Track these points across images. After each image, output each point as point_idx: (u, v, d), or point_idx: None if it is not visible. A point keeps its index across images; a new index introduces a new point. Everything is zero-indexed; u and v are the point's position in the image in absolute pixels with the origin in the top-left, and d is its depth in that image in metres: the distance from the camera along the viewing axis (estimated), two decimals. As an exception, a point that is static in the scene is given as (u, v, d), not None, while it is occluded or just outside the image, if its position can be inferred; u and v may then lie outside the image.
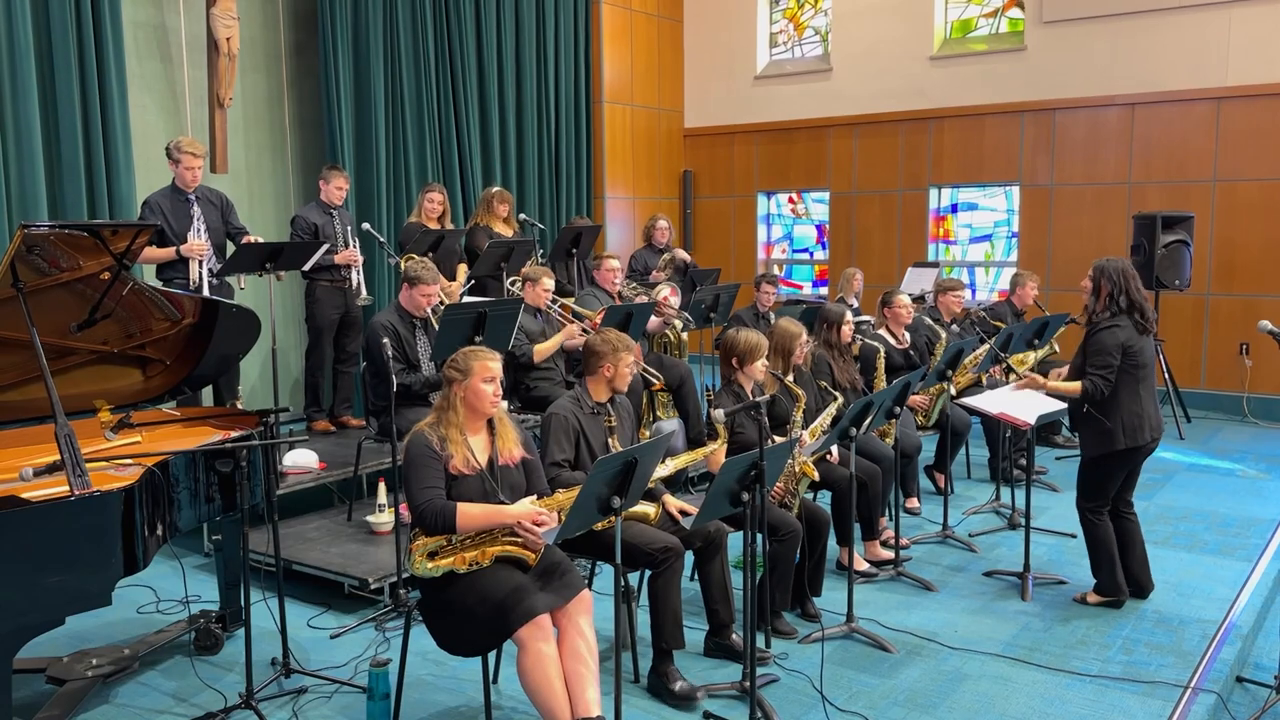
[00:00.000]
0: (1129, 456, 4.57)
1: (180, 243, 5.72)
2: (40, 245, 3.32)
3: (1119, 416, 4.48)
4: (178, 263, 5.74)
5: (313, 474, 5.62)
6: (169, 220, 5.74)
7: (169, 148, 5.86)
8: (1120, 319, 4.50)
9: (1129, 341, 4.46)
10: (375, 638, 4.40)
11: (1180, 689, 3.88)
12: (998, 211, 10.20)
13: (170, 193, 5.83)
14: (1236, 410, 8.88)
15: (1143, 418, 4.51)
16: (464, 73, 8.96)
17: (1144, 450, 4.58)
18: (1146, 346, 4.55)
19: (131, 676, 4.01)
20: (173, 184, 5.86)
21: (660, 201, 11.43)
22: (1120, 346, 4.44)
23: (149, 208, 5.75)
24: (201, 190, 5.93)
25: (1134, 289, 4.53)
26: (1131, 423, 4.49)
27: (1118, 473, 4.61)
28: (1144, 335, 4.53)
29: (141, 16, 7.00)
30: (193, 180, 5.84)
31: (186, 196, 5.84)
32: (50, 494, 3.13)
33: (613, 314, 5.87)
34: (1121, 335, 4.46)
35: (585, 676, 3.25)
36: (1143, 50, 9.04)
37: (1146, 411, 4.52)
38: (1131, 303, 4.51)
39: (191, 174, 5.82)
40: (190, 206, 5.83)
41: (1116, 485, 4.65)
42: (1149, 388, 4.58)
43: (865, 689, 3.92)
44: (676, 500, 4.19)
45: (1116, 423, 4.48)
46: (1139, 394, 4.50)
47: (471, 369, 3.46)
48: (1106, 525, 4.64)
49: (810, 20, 11.22)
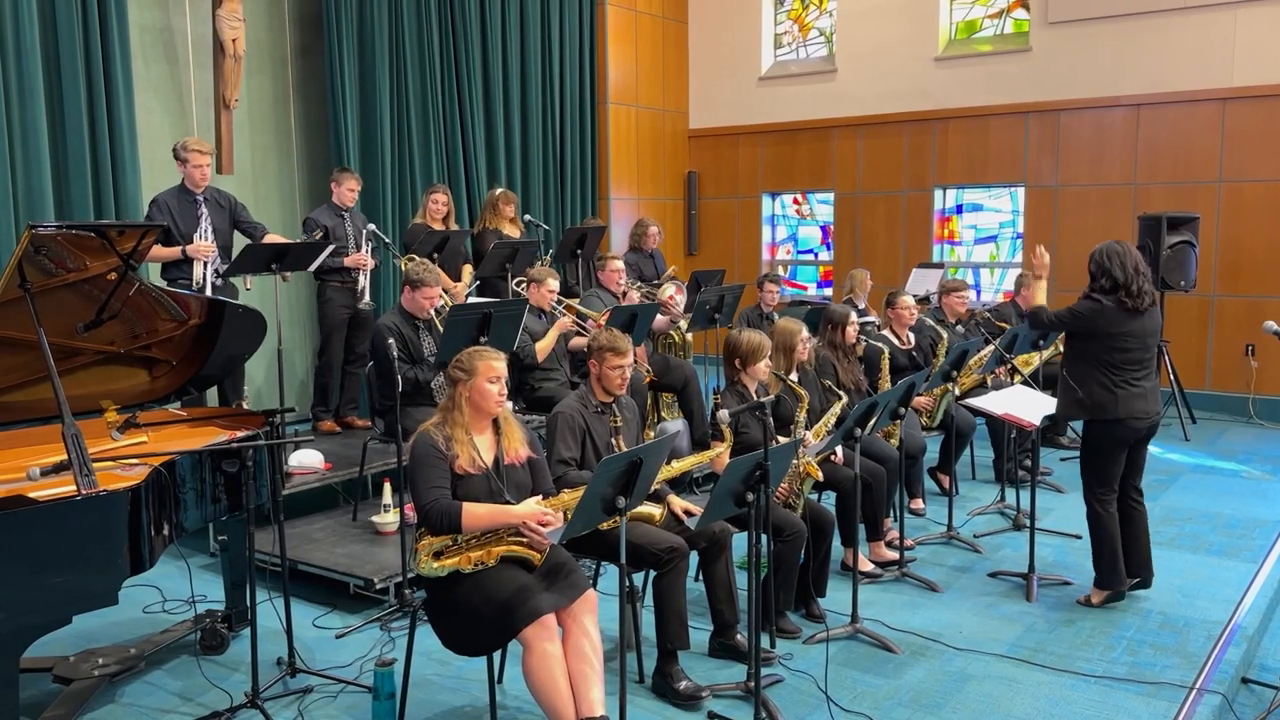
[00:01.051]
0: (1119, 433, 4.50)
1: (186, 243, 5.72)
2: (48, 246, 3.33)
3: (1089, 389, 4.50)
4: (183, 263, 5.74)
5: (318, 474, 5.63)
6: (176, 220, 5.73)
7: (176, 148, 5.85)
8: (1104, 297, 4.46)
9: (1107, 325, 4.43)
10: (380, 637, 4.41)
11: (1185, 690, 3.88)
12: (1003, 212, 10.19)
13: (178, 193, 5.83)
14: (1242, 411, 8.86)
15: (1115, 396, 4.45)
16: (469, 74, 8.97)
17: (1133, 428, 4.50)
18: (1137, 331, 4.44)
19: (138, 676, 4.02)
20: (181, 184, 5.86)
21: (665, 202, 11.43)
22: (1080, 316, 4.49)
23: (157, 206, 5.74)
24: (210, 191, 5.92)
25: (1117, 267, 4.45)
26: (1101, 398, 4.47)
27: (1116, 452, 4.56)
28: (1131, 316, 4.43)
29: (148, 19, 7.02)
30: (201, 179, 5.83)
31: (194, 197, 5.84)
32: (57, 493, 3.13)
33: (618, 314, 5.88)
34: (1095, 311, 4.45)
35: (590, 676, 3.25)
36: (1148, 51, 9.03)
37: (1122, 392, 4.45)
38: (1115, 282, 4.45)
39: (200, 173, 5.81)
40: (197, 207, 5.83)
41: (1117, 468, 4.59)
42: (1145, 376, 4.49)
43: (870, 689, 3.92)
44: (681, 500, 4.19)
45: (1087, 394, 4.51)
46: (1112, 375, 4.45)
47: (476, 369, 3.47)
48: (1112, 517, 4.61)
49: (815, 21, 11.23)
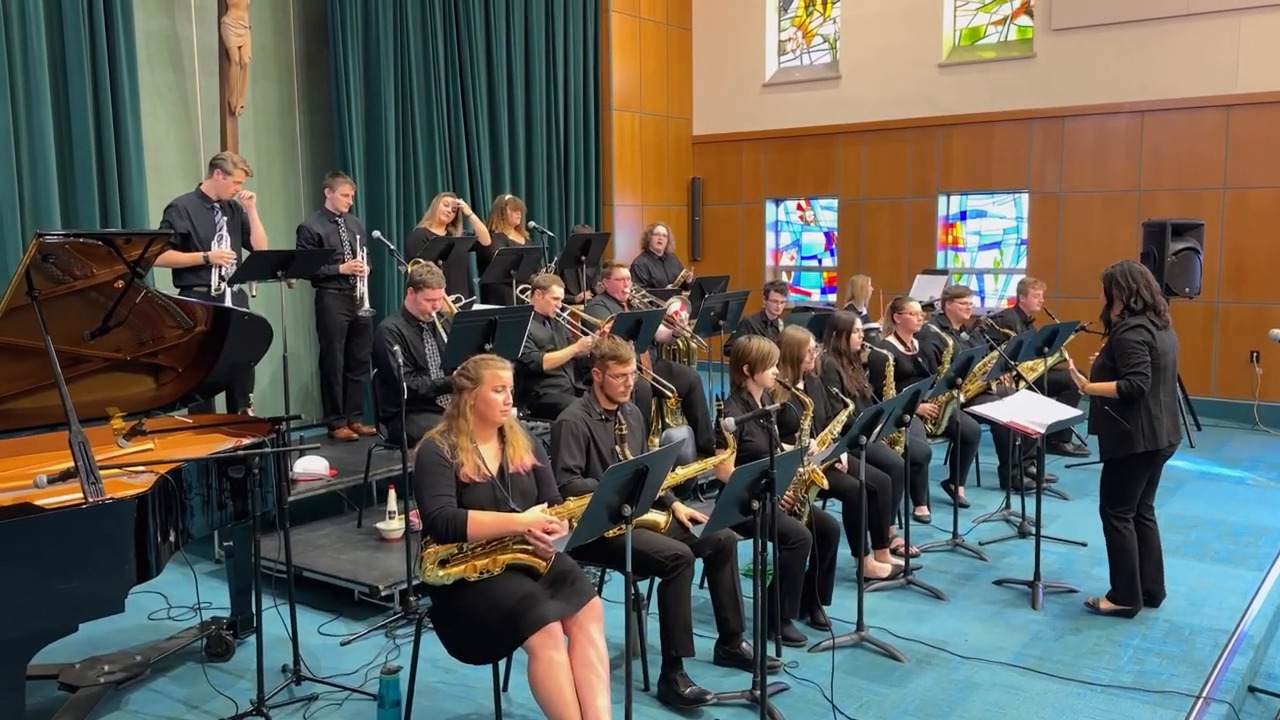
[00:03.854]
0: (1150, 459, 4.55)
1: (205, 248, 5.75)
2: (55, 254, 3.34)
3: (1139, 419, 4.46)
4: (200, 269, 5.74)
5: (323, 481, 5.64)
6: (194, 226, 5.74)
7: (219, 159, 5.85)
8: (1140, 318, 4.49)
9: (1151, 340, 4.45)
10: (385, 645, 4.41)
11: (1192, 699, 3.87)
12: (1007, 219, 10.19)
13: (197, 199, 5.84)
14: (1247, 418, 8.84)
15: (1161, 420, 4.49)
16: (474, 81, 8.98)
17: (1163, 453, 4.56)
18: (1167, 346, 4.52)
19: (143, 683, 4.02)
20: (199, 190, 5.87)
21: (669, 208, 11.44)
22: (1146, 344, 4.44)
23: (175, 211, 5.73)
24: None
25: (1144, 288, 4.51)
26: (1151, 425, 4.47)
27: (1141, 475, 4.58)
28: (1163, 332, 4.51)
29: (154, 26, 7.04)
30: (230, 194, 5.88)
31: (212, 204, 5.85)
32: (64, 501, 3.14)
33: (622, 322, 5.88)
34: (1145, 334, 4.45)
35: (596, 684, 3.26)
36: (1152, 57, 9.03)
37: (1164, 415, 4.50)
38: (1145, 303, 4.50)
39: (234, 189, 5.86)
40: (215, 214, 5.85)
41: (1141, 489, 4.62)
42: (1169, 390, 4.55)
43: (876, 698, 3.92)
44: (686, 508, 4.19)
45: (1136, 425, 4.46)
46: (1158, 396, 4.48)
47: (482, 378, 3.48)
48: (1131, 534, 4.61)
49: (819, 28, 11.24)
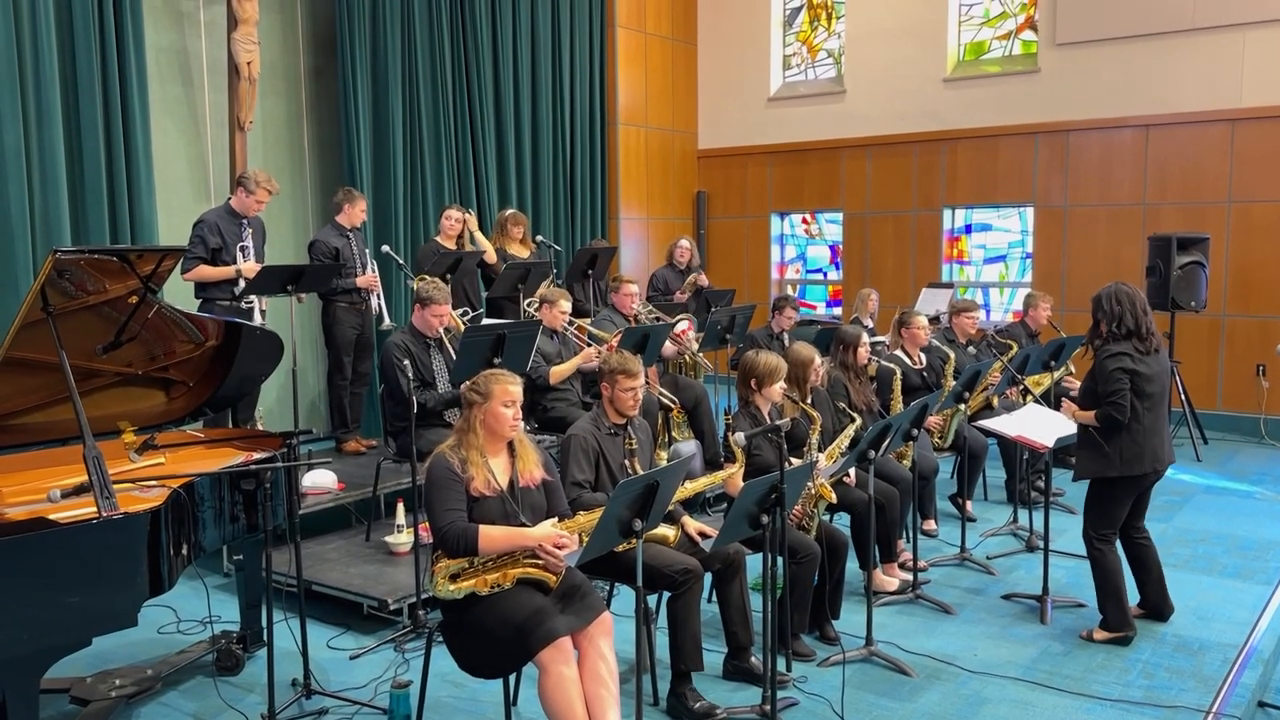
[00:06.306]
0: (1131, 484, 4.46)
1: (232, 262, 5.92)
2: (70, 270, 3.37)
3: (1117, 443, 4.37)
4: (224, 283, 5.91)
5: (331, 494, 5.66)
6: (225, 240, 5.93)
7: (247, 176, 6.04)
8: (1121, 344, 4.39)
9: (1132, 367, 4.35)
10: (395, 659, 4.41)
11: (1201, 714, 3.87)
12: (1012, 232, 10.21)
13: (225, 214, 6.04)
14: (1253, 432, 8.83)
15: (1143, 448, 4.38)
16: (480, 96, 9.04)
17: (1145, 479, 4.47)
18: (1155, 372, 4.40)
19: (154, 697, 4.03)
20: (227, 206, 6.07)
21: (674, 222, 11.47)
22: (1124, 371, 4.34)
23: (206, 225, 5.91)
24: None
25: (1129, 314, 4.40)
26: (1131, 451, 4.37)
27: (1124, 498, 4.49)
28: (1148, 357, 4.39)
29: (164, 41, 7.10)
30: (253, 212, 6.09)
31: (240, 220, 6.04)
32: (78, 515, 3.16)
33: (630, 335, 5.90)
34: (1125, 361, 4.36)
35: (606, 699, 3.25)
36: (1157, 72, 9.06)
37: (1149, 442, 4.38)
38: (1128, 329, 4.40)
39: (255, 207, 6.06)
40: (242, 230, 6.03)
41: (1124, 512, 4.53)
42: (1158, 417, 4.43)
43: (885, 713, 3.91)
44: (695, 522, 4.19)
45: (1114, 449, 4.37)
46: (1142, 422, 4.37)
47: (492, 392, 3.49)
48: (1114, 555, 4.53)
49: (823, 43, 11.29)
